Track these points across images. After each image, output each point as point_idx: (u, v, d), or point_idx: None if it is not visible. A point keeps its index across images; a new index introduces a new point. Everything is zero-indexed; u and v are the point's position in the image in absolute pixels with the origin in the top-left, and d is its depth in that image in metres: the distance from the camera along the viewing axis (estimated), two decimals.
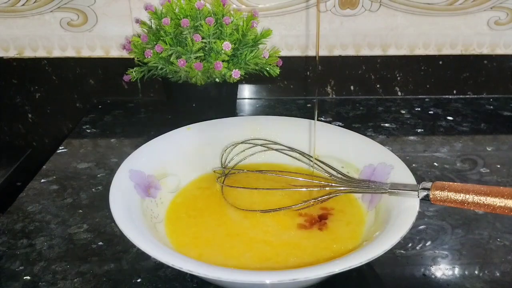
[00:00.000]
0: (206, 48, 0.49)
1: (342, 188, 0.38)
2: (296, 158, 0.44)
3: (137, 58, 0.52)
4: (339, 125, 0.46)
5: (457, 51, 0.66)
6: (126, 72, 0.53)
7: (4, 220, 0.40)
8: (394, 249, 0.29)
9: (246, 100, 0.67)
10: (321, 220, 0.37)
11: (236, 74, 0.49)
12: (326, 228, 0.37)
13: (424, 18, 0.63)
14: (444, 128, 0.59)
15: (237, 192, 0.40)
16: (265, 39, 0.52)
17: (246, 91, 0.67)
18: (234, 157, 0.44)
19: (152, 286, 0.33)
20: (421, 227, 0.40)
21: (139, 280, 0.34)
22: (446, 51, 0.66)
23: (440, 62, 0.66)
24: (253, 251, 0.34)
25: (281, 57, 0.55)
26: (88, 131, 0.57)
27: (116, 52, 0.63)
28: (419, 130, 0.58)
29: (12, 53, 0.63)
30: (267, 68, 0.53)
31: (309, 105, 0.65)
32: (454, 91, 0.69)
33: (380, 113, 0.63)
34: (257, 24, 0.51)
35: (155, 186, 0.39)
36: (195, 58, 0.48)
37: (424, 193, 0.32)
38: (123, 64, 0.56)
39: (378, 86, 0.68)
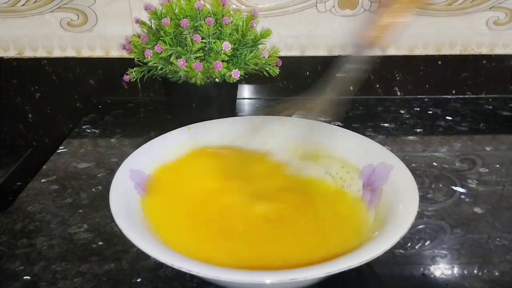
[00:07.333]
0: (206, 48, 0.49)
1: None
2: None
3: (137, 58, 0.52)
4: (338, 125, 0.46)
5: (456, 51, 0.66)
6: (126, 72, 0.53)
7: (4, 220, 0.40)
8: (393, 248, 0.29)
9: (246, 100, 0.67)
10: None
11: (235, 74, 0.49)
12: (325, 228, 0.37)
13: (423, 18, 0.63)
14: (443, 128, 0.59)
15: None
16: (264, 39, 0.52)
17: (246, 91, 0.67)
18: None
19: (152, 285, 0.33)
20: (420, 226, 0.40)
21: (139, 280, 0.34)
22: (445, 51, 0.66)
23: (439, 62, 0.67)
24: (253, 249, 0.34)
25: (281, 57, 0.56)
26: (88, 131, 0.57)
27: (116, 52, 0.64)
28: (418, 130, 0.58)
29: (12, 53, 0.63)
30: (267, 68, 0.54)
31: (308, 105, 0.65)
32: (453, 91, 0.69)
33: (379, 113, 0.63)
34: (256, 24, 0.51)
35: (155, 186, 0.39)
36: (195, 58, 0.49)
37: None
38: (123, 64, 0.56)
39: (377, 86, 0.68)
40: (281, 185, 0.42)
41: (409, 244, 0.38)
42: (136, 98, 0.66)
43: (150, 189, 0.38)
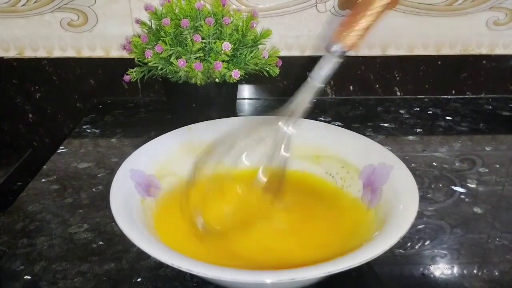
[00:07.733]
0: (206, 48, 0.49)
1: None
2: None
3: (137, 58, 0.52)
4: (338, 125, 0.46)
5: (456, 51, 0.66)
6: (126, 72, 0.53)
7: (5, 220, 0.40)
8: (393, 248, 0.29)
9: (246, 100, 0.67)
10: None
11: (236, 74, 0.49)
12: (325, 227, 0.37)
13: (424, 18, 0.63)
14: (443, 128, 0.59)
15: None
16: (264, 40, 0.52)
17: (246, 91, 0.67)
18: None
19: (152, 285, 0.33)
20: (420, 226, 0.40)
21: (139, 280, 0.34)
22: (445, 51, 0.66)
23: (439, 62, 0.67)
24: (254, 248, 0.34)
25: (281, 57, 0.55)
26: (89, 131, 0.57)
27: (116, 52, 0.64)
28: (418, 130, 0.58)
29: (12, 53, 0.63)
30: (267, 68, 0.54)
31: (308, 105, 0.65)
32: (453, 91, 0.69)
33: (379, 113, 0.63)
34: (256, 24, 0.51)
35: (155, 185, 0.39)
36: (195, 58, 0.49)
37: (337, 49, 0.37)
38: (123, 64, 0.56)
39: (377, 86, 0.68)
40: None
41: (409, 244, 0.38)
42: (136, 98, 0.66)
43: (155, 192, 0.38)
